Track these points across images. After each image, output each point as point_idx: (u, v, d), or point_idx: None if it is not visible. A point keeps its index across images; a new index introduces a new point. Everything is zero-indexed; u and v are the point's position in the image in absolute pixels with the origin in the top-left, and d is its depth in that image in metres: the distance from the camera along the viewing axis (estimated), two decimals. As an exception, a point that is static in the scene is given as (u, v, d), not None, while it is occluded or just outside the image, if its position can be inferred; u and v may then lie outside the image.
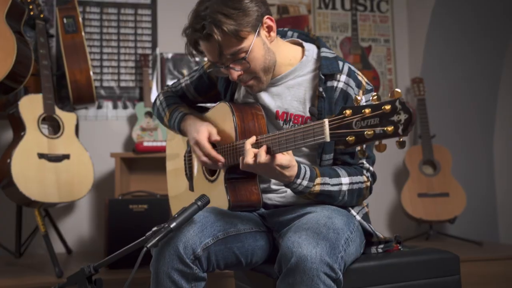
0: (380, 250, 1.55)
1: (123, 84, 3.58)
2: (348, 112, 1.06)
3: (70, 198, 2.69)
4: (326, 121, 1.11)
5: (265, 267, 1.52)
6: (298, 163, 1.35)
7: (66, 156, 2.72)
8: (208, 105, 1.84)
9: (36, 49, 2.89)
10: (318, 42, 1.54)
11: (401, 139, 1.01)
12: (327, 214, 1.35)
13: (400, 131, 0.99)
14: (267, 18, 1.41)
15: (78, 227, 3.34)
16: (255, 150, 1.28)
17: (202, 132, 1.51)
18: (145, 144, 3.12)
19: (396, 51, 4.00)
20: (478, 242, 3.25)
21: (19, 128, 2.66)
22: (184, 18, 1.45)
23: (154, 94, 3.50)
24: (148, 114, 3.36)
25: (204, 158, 1.50)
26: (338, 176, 1.42)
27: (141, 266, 1.19)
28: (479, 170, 3.87)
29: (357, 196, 1.46)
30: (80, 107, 3.16)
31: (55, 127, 2.79)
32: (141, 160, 3.26)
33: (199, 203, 1.31)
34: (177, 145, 1.86)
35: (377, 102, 1.03)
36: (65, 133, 2.78)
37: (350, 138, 1.06)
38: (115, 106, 3.54)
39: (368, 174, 1.49)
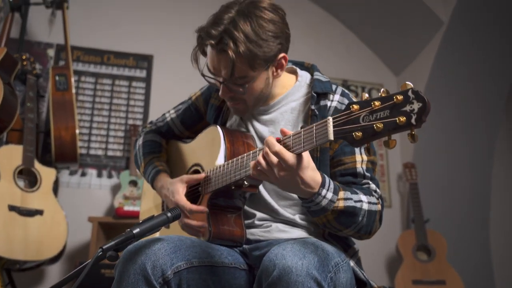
0: None
1: (110, 153, 3.48)
2: (355, 107, 0.97)
3: (37, 257, 2.45)
4: (329, 118, 1.01)
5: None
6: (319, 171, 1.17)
7: (39, 212, 2.53)
8: None
9: (24, 103, 2.82)
10: (312, 70, 1.47)
11: (413, 132, 0.91)
12: (315, 239, 1.18)
13: (413, 120, 0.89)
14: (283, 56, 1.34)
15: (43, 299, 3.02)
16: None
17: (178, 192, 1.38)
18: (126, 208, 2.94)
19: (387, 136, 4.01)
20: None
21: (-8, 178, 2.51)
22: (178, 92, 1.39)
23: (140, 163, 3.38)
24: (133, 183, 3.22)
25: (188, 221, 1.35)
26: (356, 192, 1.23)
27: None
28: (476, 257, 3.70)
29: (373, 221, 1.26)
30: (62, 166, 3.03)
31: (32, 182, 2.64)
32: (120, 226, 3.04)
33: (169, 214, 1.14)
34: None
35: (387, 94, 0.95)
36: (42, 188, 2.61)
37: (358, 134, 0.95)
38: (99, 175, 3.41)
39: (377, 195, 1.30)
